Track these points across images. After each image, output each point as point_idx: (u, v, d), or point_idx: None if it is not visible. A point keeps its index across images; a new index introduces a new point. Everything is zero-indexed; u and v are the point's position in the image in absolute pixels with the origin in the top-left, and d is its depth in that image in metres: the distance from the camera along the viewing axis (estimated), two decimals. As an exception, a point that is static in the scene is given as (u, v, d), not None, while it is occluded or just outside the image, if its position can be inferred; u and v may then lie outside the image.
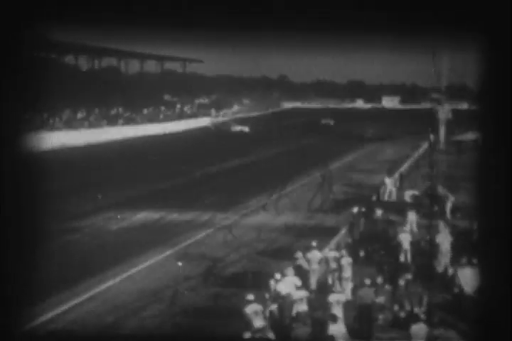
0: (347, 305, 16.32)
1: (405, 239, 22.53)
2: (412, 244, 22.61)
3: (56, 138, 58.17)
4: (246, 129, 78.70)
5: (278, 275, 17.59)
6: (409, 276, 18.36)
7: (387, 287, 17.83)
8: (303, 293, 16.88)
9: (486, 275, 11.26)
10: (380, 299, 17.26)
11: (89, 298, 19.25)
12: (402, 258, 22.13)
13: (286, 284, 17.28)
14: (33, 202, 31.49)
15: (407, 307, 17.18)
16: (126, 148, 60.52)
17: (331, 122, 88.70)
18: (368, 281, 17.20)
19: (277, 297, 17.00)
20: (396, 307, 17.31)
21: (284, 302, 16.83)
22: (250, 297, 15.86)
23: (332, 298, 16.38)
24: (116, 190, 36.71)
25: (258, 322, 15.48)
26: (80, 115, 68.89)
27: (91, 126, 67.14)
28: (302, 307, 16.53)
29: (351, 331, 16.02)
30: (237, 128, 78.40)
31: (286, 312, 16.74)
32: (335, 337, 15.05)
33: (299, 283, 17.38)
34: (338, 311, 16.06)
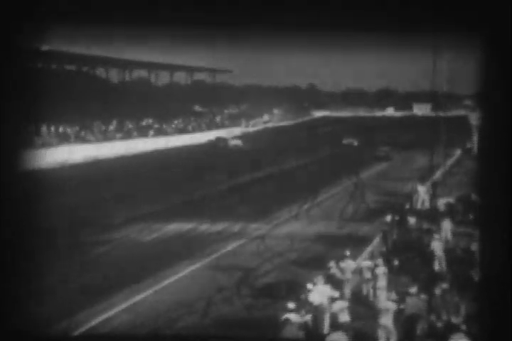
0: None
1: (440, 247, 22.22)
2: (447, 252, 22.28)
3: (88, 151, 58.60)
4: (239, 143, 75.75)
5: (310, 286, 17.41)
6: (445, 285, 18.03)
7: (423, 296, 17.54)
8: (343, 304, 16.67)
9: (487, 283, 11.02)
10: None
11: (122, 310, 19.21)
12: (437, 267, 21.81)
13: (318, 294, 17.07)
14: (66, 215, 31.74)
15: (444, 317, 16.86)
16: (157, 159, 60.74)
17: (355, 142, 76.31)
18: (413, 290, 16.94)
19: (310, 307, 16.81)
20: (432, 317, 17.00)
21: (318, 312, 16.64)
22: (291, 305, 15.68)
23: (382, 305, 16.18)
24: (148, 201, 36.77)
25: (292, 332, 15.31)
26: (111, 127, 69.39)
27: (122, 137, 67.55)
28: (344, 318, 16.30)
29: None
30: (233, 142, 75.79)
31: (320, 323, 16.55)
32: None
33: (335, 294, 17.17)
34: (387, 320, 15.83)
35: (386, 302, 16.41)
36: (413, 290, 17.22)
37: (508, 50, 10.18)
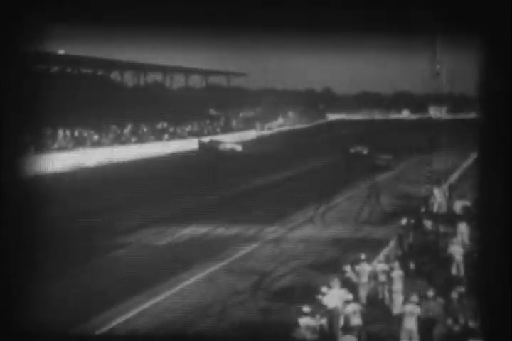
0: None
1: (457, 251, 22.05)
2: (464, 256, 22.09)
3: (103, 154, 58.74)
4: (239, 148, 72.32)
5: (325, 289, 17.33)
6: (462, 289, 17.88)
7: (440, 300, 17.40)
8: (356, 307, 16.57)
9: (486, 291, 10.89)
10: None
11: (138, 314, 19.19)
12: (454, 271, 21.65)
13: (334, 297, 17.00)
14: (81, 218, 31.81)
15: (461, 321, 16.71)
16: (172, 162, 60.82)
17: (364, 150, 65.59)
18: (430, 293, 16.84)
19: (325, 311, 16.73)
20: (449, 321, 16.85)
21: (333, 316, 16.55)
22: (306, 309, 15.62)
23: (406, 308, 16.09)
24: (163, 204, 36.79)
25: (307, 336, 15.25)
26: (126, 131, 69.53)
27: (137, 141, 67.66)
28: (356, 321, 16.21)
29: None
30: (228, 146, 73.05)
31: (335, 326, 16.47)
32: None
33: (349, 296, 17.09)
34: (411, 323, 15.72)
35: (410, 305, 16.30)
36: (430, 293, 17.11)
37: (508, 50, 10.10)
